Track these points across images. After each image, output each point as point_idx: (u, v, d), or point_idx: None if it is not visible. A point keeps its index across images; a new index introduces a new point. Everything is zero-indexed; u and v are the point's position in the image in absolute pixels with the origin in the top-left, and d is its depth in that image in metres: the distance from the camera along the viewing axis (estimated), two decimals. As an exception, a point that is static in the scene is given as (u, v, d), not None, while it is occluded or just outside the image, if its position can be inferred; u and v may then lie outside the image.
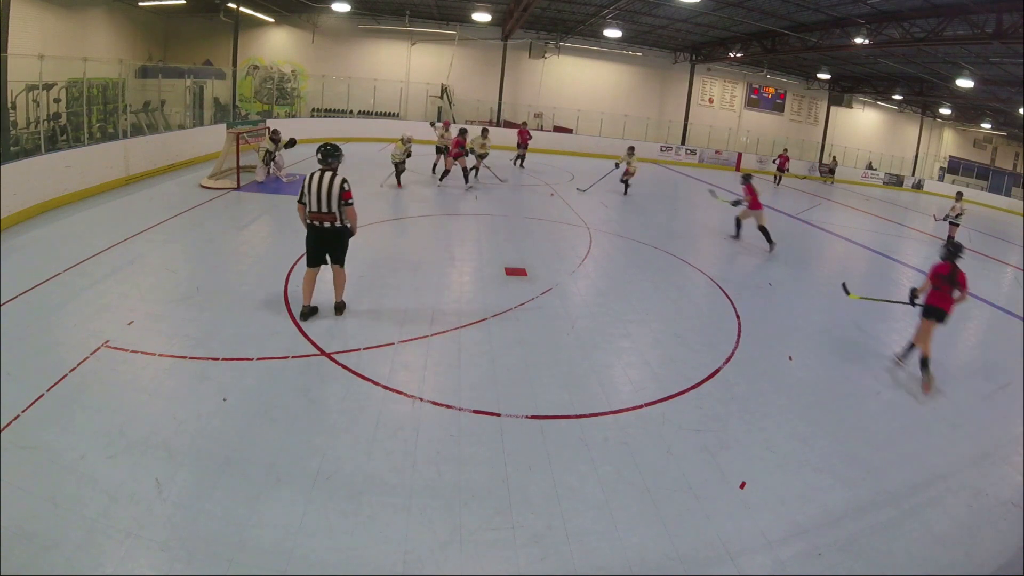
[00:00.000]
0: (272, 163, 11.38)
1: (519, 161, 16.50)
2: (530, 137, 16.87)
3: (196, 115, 16.29)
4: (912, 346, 5.36)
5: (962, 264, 5.06)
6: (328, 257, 5.10)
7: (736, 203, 10.06)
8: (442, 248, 7.94)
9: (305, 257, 5.14)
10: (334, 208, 4.84)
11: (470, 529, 2.90)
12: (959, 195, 12.79)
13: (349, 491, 3.08)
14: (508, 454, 3.52)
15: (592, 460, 3.54)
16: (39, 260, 6.03)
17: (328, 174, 4.86)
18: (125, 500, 2.86)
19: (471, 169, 13.04)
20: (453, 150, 12.21)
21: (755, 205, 9.75)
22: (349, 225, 5.02)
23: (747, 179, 9.87)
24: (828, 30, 16.24)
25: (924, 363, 5.07)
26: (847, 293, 6.45)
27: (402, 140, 11.84)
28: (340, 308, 5.29)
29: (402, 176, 12.04)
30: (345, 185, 4.85)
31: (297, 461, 3.29)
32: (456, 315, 5.59)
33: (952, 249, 5.08)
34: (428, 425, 3.77)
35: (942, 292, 5.02)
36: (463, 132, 12.36)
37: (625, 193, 13.89)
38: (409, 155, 11.89)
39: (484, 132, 13.49)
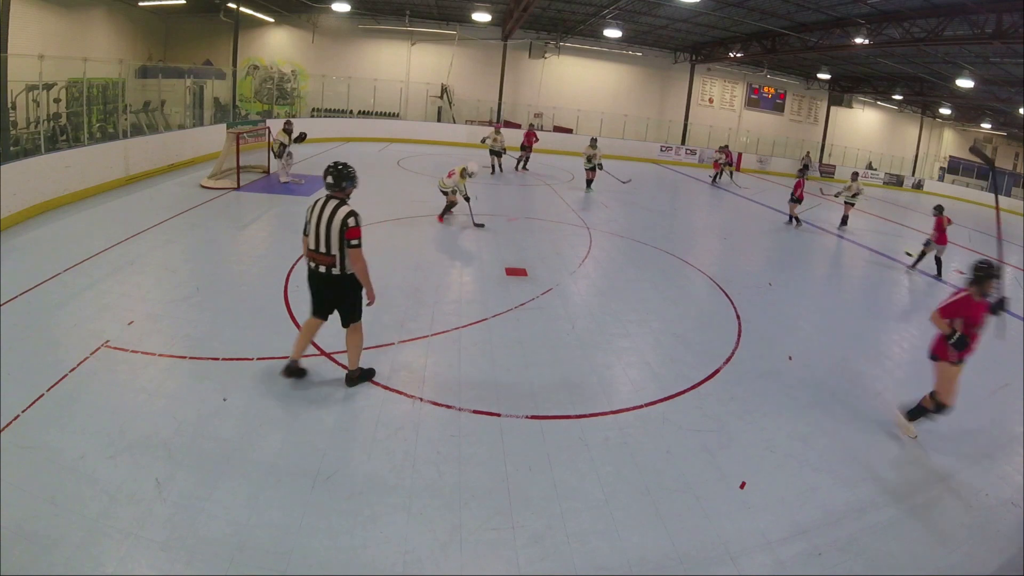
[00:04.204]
0: (286, 157, 11.25)
1: (522, 163, 16.42)
2: (536, 139, 16.86)
3: (196, 115, 16.29)
4: None
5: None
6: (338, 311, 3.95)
7: (926, 244, 9.65)
8: (442, 248, 7.93)
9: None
10: (334, 248, 3.66)
11: (470, 529, 2.90)
12: (855, 175, 13.15)
13: (349, 491, 3.08)
14: (508, 454, 3.52)
15: (592, 460, 3.54)
16: (39, 260, 6.02)
17: (333, 202, 3.69)
18: (125, 500, 2.86)
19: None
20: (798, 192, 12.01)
21: (941, 240, 9.42)
22: (352, 273, 3.77)
23: (939, 211, 9.54)
24: (828, 30, 16.24)
25: None
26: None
27: (463, 172, 8.92)
28: (351, 379, 4.07)
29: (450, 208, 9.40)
30: (351, 220, 3.63)
31: (297, 461, 3.28)
32: (456, 315, 5.59)
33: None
34: (428, 425, 3.77)
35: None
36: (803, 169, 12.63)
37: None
38: (468, 198, 9.10)
39: (593, 141, 14.07)
